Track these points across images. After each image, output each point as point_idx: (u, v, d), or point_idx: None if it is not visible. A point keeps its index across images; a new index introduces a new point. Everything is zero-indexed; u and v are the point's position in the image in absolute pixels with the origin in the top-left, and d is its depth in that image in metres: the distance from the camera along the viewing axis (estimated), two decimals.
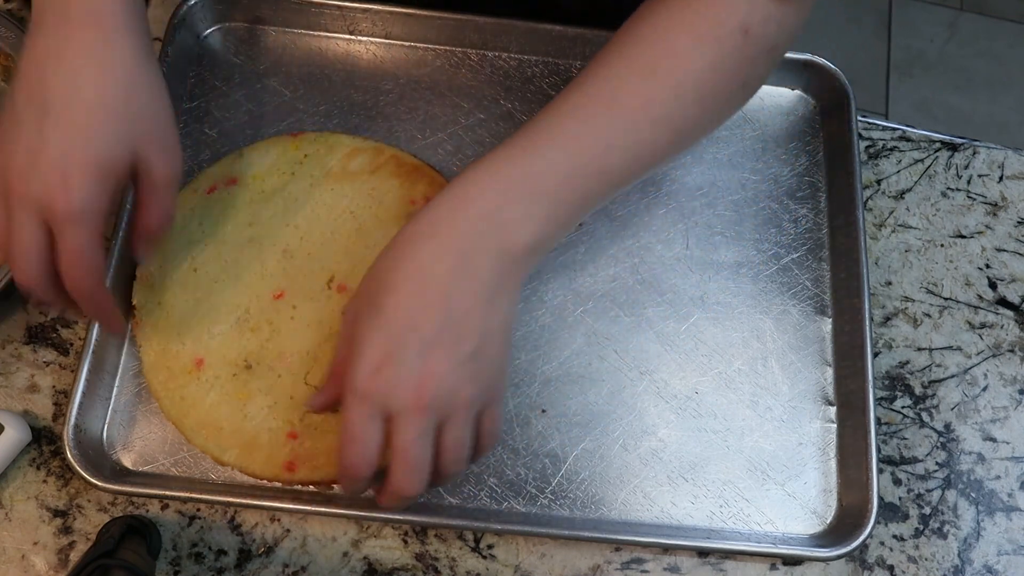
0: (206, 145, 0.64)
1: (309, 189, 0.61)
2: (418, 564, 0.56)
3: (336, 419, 0.55)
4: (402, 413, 0.44)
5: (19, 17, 0.66)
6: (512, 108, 0.66)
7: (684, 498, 0.57)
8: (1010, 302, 0.65)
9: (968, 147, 0.69)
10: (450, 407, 0.45)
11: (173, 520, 0.56)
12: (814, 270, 0.64)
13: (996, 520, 0.59)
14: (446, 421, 0.45)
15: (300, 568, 0.55)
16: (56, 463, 0.56)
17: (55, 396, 0.58)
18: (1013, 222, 0.67)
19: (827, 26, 1.79)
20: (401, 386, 0.44)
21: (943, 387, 0.62)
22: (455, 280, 0.45)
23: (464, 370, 0.44)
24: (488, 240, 0.45)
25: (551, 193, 0.47)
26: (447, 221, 0.46)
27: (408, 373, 0.44)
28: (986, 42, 1.80)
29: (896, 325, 0.64)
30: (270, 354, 0.57)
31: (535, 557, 0.56)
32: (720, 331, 0.61)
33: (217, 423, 0.55)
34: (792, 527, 0.57)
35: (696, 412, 0.59)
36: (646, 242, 0.63)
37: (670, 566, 0.57)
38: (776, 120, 0.67)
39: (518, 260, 0.46)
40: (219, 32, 0.67)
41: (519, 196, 0.46)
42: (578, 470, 0.57)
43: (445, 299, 0.44)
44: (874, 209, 0.67)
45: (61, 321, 0.59)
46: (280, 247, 0.60)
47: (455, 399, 0.45)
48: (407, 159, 0.63)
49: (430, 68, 0.67)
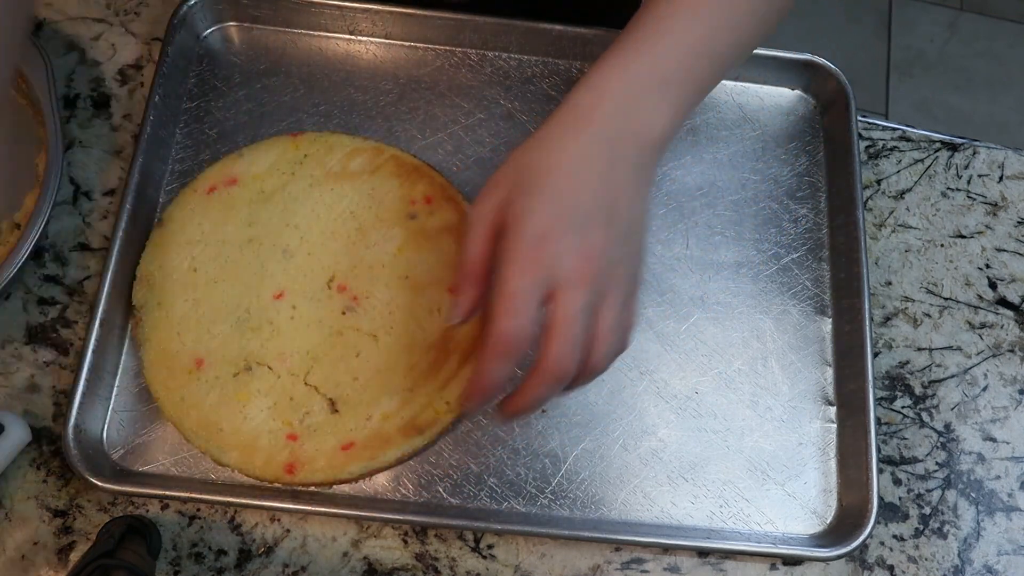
0: (206, 145, 0.64)
1: (309, 189, 0.61)
2: (418, 564, 0.56)
3: (336, 420, 0.55)
4: (566, 284, 0.44)
5: None
6: (512, 108, 0.66)
7: (684, 498, 0.57)
8: (1010, 302, 0.65)
9: (968, 147, 0.69)
10: (608, 283, 0.45)
11: (173, 520, 0.56)
12: (814, 270, 0.64)
13: (996, 520, 0.59)
14: (601, 303, 0.45)
15: (300, 568, 0.55)
16: (56, 463, 0.56)
17: (55, 396, 0.58)
18: (1013, 222, 0.67)
19: (827, 26, 1.79)
20: (566, 256, 0.44)
21: (943, 387, 0.62)
22: (607, 166, 0.46)
23: (618, 249, 0.45)
24: (627, 132, 0.47)
25: (676, 83, 0.49)
26: (589, 115, 0.47)
27: (571, 244, 0.44)
28: (986, 42, 1.80)
29: (896, 325, 0.64)
30: (270, 354, 0.57)
31: (535, 557, 0.56)
32: (720, 331, 0.61)
33: (217, 424, 0.55)
34: (792, 527, 0.57)
35: (696, 412, 0.59)
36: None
37: (670, 566, 0.57)
38: (776, 120, 0.67)
39: (654, 150, 0.49)
40: (219, 32, 0.67)
41: (649, 88, 0.48)
42: (578, 470, 0.57)
43: (601, 182, 0.46)
44: (874, 209, 0.67)
45: (61, 321, 0.59)
46: (280, 247, 0.60)
47: (613, 275, 0.45)
48: (407, 159, 0.63)
49: (430, 68, 0.67)
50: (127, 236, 0.59)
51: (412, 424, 0.55)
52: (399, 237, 0.60)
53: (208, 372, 0.56)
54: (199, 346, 0.57)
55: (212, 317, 0.58)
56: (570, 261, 0.44)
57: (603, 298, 0.45)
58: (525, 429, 0.58)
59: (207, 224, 0.60)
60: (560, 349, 0.44)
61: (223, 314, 0.58)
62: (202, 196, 0.61)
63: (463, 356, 0.57)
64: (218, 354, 0.57)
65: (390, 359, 0.57)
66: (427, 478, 0.56)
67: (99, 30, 0.67)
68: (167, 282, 0.58)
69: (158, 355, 0.57)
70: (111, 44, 0.67)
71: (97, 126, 0.64)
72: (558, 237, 0.44)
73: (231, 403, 0.56)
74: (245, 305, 0.58)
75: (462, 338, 0.57)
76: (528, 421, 0.58)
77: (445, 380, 0.56)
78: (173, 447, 0.56)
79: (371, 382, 0.56)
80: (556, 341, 0.44)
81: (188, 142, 0.64)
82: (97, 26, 0.67)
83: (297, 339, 0.57)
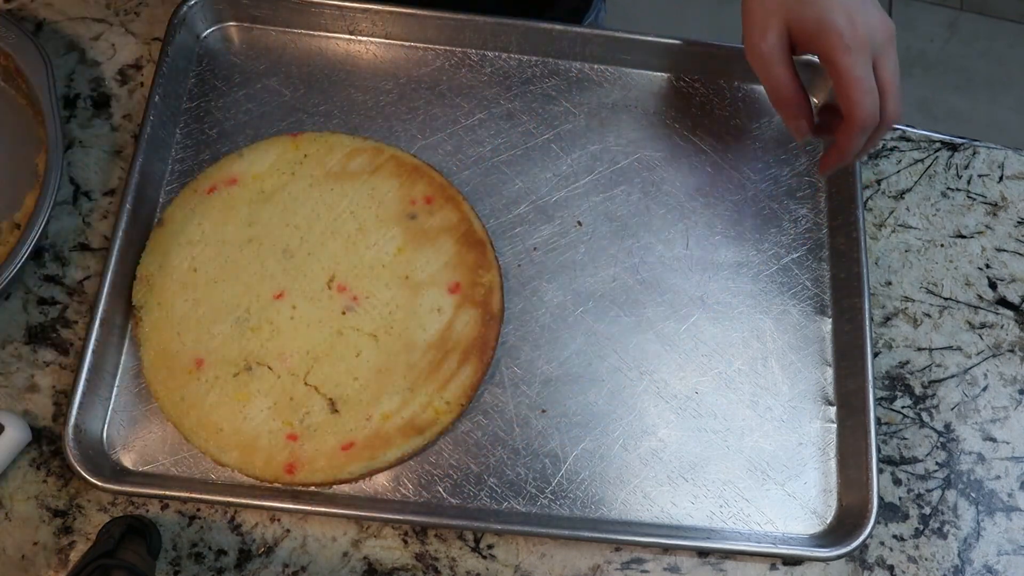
0: (206, 145, 0.64)
1: (309, 189, 0.61)
2: (418, 564, 0.56)
3: (336, 420, 0.55)
4: (882, 49, 0.54)
5: (19, 17, 0.66)
6: (512, 108, 0.66)
7: (684, 498, 0.57)
8: (1010, 302, 0.65)
9: (968, 147, 0.69)
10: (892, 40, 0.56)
11: (173, 520, 0.56)
12: (814, 270, 0.64)
13: (996, 520, 0.59)
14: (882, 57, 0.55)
15: (300, 568, 0.55)
16: (56, 463, 0.56)
17: (55, 396, 0.58)
18: (1013, 222, 0.67)
19: None
20: (876, 26, 0.54)
21: (943, 387, 0.62)
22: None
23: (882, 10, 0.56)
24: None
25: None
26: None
27: (872, 17, 0.54)
28: (986, 42, 1.80)
29: (896, 325, 0.64)
30: (270, 354, 0.57)
31: (535, 557, 0.56)
32: (720, 331, 0.61)
33: (217, 424, 0.55)
34: (792, 527, 0.57)
35: (696, 412, 0.59)
36: (646, 242, 0.63)
37: (670, 566, 0.57)
38: (776, 120, 0.67)
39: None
40: (219, 32, 0.67)
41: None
42: (578, 470, 0.57)
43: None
44: (874, 209, 0.67)
45: (61, 321, 0.59)
46: (280, 247, 0.60)
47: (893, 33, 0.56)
48: (407, 159, 0.63)
49: (430, 68, 0.67)
50: (127, 236, 0.59)
51: (412, 424, 0.55)
52: (399, 237, 0.60)
53: (208, 372, 0.56)
54: (199, 346, 0.57)
55: (212, 317, 0.58)
56: (879, 29, 0.54)
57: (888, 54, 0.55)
58: (525, 429, 0.58)
59: (207, 224, 0.60)
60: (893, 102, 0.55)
61: (223, 314, 0.58)
62: (202, 196, 0.61)
63: (463, 356, 0.57)
64: (218, 354, 0.57)
65: (390, 359, 0.57)
66: (427, 478, 0.56)
67: (99, 30, 0.67)
68: (167, 282, 0.58)
69: (158, 355, 0.57)
70: (111, 44, 0.67)
71: (97, 126, 0.64)
72: (860, 17, 0.54)
73: (231, 403, 0.56)
74: (245, 305, 0.58)
75: (462, 338, 0.57)
76: (527, 421, 0.58)
77: (445, 380, 0.56)
78: (173, 447, 0.56)
79: (371, 382, 0.56)
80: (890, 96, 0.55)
81: (188, 142, 0.64)
82: (97, 26, 0.67)
83: (297, 339, 0.57)
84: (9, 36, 0.61)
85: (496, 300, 0.59)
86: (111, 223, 0.61)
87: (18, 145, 0.62)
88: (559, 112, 0.66)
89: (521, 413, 0.58)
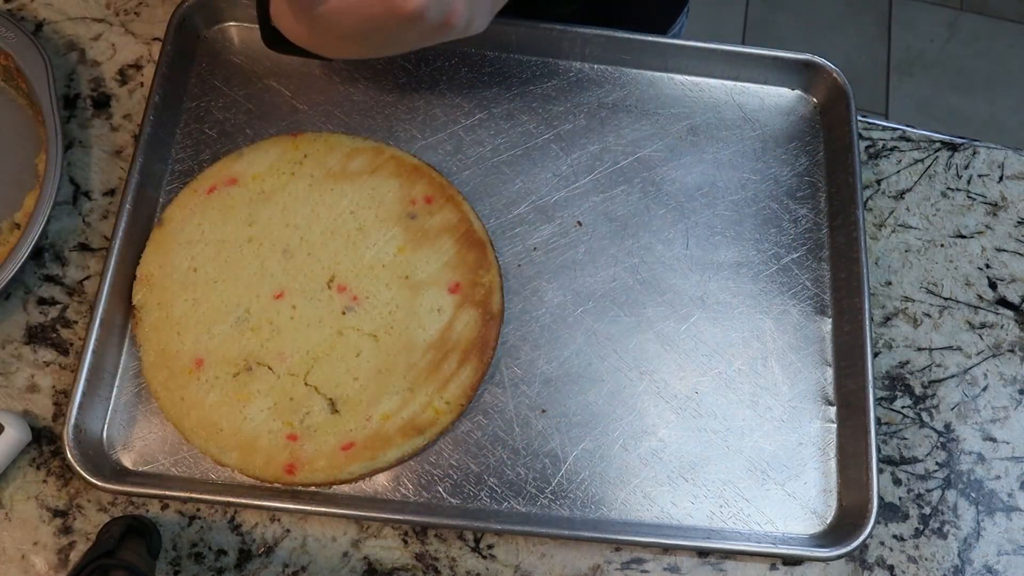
0: (206, 145, 0.64)
1: (309, 189, 0.61)
2: (418, 564, 0.56)
3: (336, 420, 0.55)
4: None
5: (19, 17, 0.66)
6: (512, 108, 0.66)
7: (684, 498, 0.57)
8: (1010, 302, 0.65)
9: (968, 147, 0.69)
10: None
11: (173, 520, 0.56)
12: (814, 270, 0.64)
13: (996, 520, 0.59)
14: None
15: (300, 568, 0.55)
16: (56, 463, 0.56)
17: (55, 396, 0.58)
18: (1013, 222, 0.67)
19: (827, 26, 1.79)
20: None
21: (943, 387, 0.62)
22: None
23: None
24: None
25: None
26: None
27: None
28: (986, 42, 1.80)
29: (896, 325, 0.64)
30: (270, 354, 0.57)
31: (535, 557, 0.56)
32: (720, 331, 0.61)
33: (217, 424, 0.55)
34: (792, 527, 0.57)
35: (696, 412, 0.59)
36: (646, 242, 0.63)
37: (670, 566, 0.57)
38: (776, 120, 0.67)
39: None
40: (219, 32, 0.67)
41: None
42: (578, 470, 0.57)
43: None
44: (874, 209, 0.67)
45: (61, 321, 0.59)
46: (280, 247, 0.60)
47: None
48: (407, 159, 0.62)
49: (430, 68, 0.67)
50: (127, 236, 0.59)
51: (412, 424, 0.55)
52: (399, 237, 0.60)
53: (208, 372, 0.56)
54: (199, 346, 0.57)
55: (212, 317, 0.58)
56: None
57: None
58: (525, 429, 0.58)
59: (207, 224, 0.60)
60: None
61: (223, 314, 0.58)
62: (202, 196, 0.61)
63: (463, 356, 0.57)
64: (218, 354, 0.57)
65: (390, 359, 0.57)
66: (427, 478, 0.56)
67: (99, 30, 0.67)
68: (167, 282, 0.58)
69: (158, 355, 0.57)
70: (111, 44, 0.67)
71: (97, 126, 0.64)
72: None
73: (231, 403, 0.56)
74: (245, 305, 0.58)
75: (462, 338, 0.57)
76: (527, 421, 0.58)
77: (445, 380, 0.56)
78: (173, 447, 0.56)
79: (371, 382, 0.56)
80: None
81: (188, 142, 0.64)
82: (97, 26, 0.67)
83: (297, 339, 0.57)
84: (9, 36, 0.61)
85: (496, 300, 0.59)
86: (111, 223, 0.61)
87: (18, 145, 0.62)
88: (559, 112, 0.66)
89: (521, 413, 0.58)
